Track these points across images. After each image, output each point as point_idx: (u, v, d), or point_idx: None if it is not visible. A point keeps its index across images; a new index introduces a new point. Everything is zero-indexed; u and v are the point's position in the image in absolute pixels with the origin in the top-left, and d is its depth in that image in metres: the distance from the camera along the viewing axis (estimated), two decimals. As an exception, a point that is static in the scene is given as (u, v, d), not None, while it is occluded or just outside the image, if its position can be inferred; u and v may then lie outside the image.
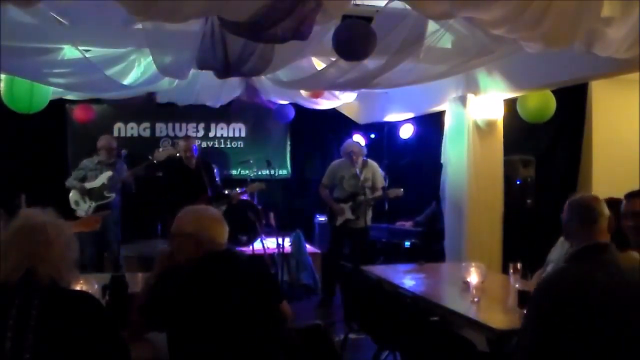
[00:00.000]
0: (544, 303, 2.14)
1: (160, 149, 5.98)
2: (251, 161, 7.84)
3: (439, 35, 3.73)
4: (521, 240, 5.20)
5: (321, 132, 8.38)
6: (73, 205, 5.66)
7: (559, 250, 3.80)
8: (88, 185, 5.69)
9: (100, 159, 5.81)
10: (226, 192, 6.25)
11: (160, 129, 8.07)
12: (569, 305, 2.05)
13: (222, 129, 8.30)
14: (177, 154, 6.17)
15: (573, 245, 2.35)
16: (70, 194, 5.71)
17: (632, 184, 4.29)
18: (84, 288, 2.74)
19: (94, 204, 5.68)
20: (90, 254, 5.47)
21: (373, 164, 6.08)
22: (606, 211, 2.25)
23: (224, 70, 3.67)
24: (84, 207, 5.66)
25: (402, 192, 5.89)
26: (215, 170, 6.47)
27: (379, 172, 6.07)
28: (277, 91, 6.23)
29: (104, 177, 5.73)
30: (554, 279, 2.24)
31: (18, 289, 1.77)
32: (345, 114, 7.56)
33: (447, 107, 5.55)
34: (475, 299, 3.22)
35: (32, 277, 1.78)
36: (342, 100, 6.72)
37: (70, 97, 6.24)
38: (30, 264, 1.80)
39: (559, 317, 2.06)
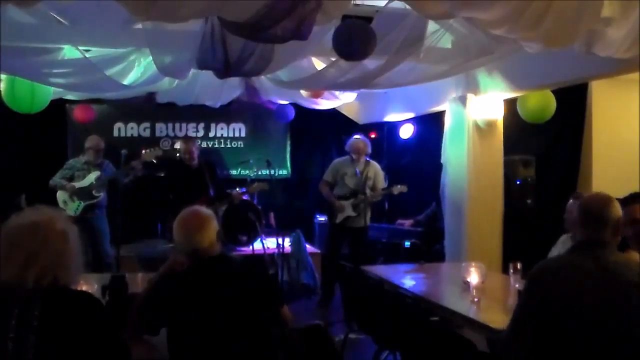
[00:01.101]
0: (536, 290, 2.21)
1: (148, 150, 5.94)
2: (251, 161, 7.83)
3: (439, 35, 3.73)
4: (521, 240, 5.20)
5: (321, 132, 8.38)
6: (61, 205, 5.63)
7: (560, 249, 3.80)
8: (76, 184, 5.67)
9: (87, 159, 5.79)
10: (228, 191, 6.24)
11: (160, 129, 8.06)
12: (558, 292, 2.13)
13: (222, 129, 8.29)
14: (177, 155, 6.17)
15: (575, 237, 2.42)
16: (58, 194, 5.67)
17: (632, 184, 4.30)
18: (84, 288, 2.73)
19: (82, 204, 5.65)
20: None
21: (375, 164, 6.08)
22: (616, 215, 2.27)
23: (224, 70, 3.67)
24: (72, 207, 5.64)
25: (406, 189, 5.89)
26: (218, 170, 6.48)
27: (381, 174, 6.06)
28: (277, 91, 6.24)
29: (92, 176, 5.71)
30: (545, 267, 2.29)
31: (21, 289, 1.77)
32: (345, 114, 7.56)
33: (447, 107, 5.55)
34: (475, 299, 3.22)
35: (36, 276, 1.78)
36: (342, 100, 6.72)
37: (70, 97, 6.24)
38: (34, 264, 1.80)
39: (549, 304, 2.13)
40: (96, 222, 5.72)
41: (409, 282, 3.80)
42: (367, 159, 5.99)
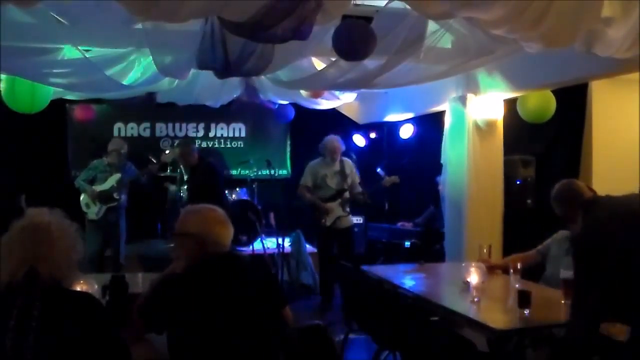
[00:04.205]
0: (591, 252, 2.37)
1: (167, 151, 6.14)
2: (251, 161, 7.84)
3: (439, 35, 3.73)
4: (521, 240, 5.19)
5: (321, 132, 8.35)
6: (84, 208, 5.81)
7: (557, 247, 3.81)
8: (98, 188, 5.82)
9: (110, 161, 5.91)
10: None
11: (160, 129, 8.07)
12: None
13: (222, 129, 8.30)
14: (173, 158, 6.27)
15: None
16: (82, 197, 5.84)
17: (632, 184, 4.29)
18: (84, 288, 2.74)
19: (103, 207, 5.82)
20: (92, 254, 5.56)
21: (349, 161, 6.11)
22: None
23: (224, 70, 3.67)
24: (94, 210, 5.81)
25: (398, 179, 5.90)
26: (220, 174, 6.49)
27: (355, 169, 6.09)
28: (277, 91, 6.23)
29: (113, 179, 5.87)
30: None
31: (20, 289, 1.77)
32: (345, 114, 7.55)
33: (447, 107, 5.55)
34: (475, 299, 3.22)
35: (35, 276, 1.78)
36: (342, 100, 6.72)
37: (70, 97, 6.25)
38: (33, 264, 1.80)
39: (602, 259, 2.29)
40: (116, 223, 5.89)
41: (409, 282, 3.80)
42: (341, 157, 6.00)
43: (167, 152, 6.22)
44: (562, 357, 2.52)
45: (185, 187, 6.55)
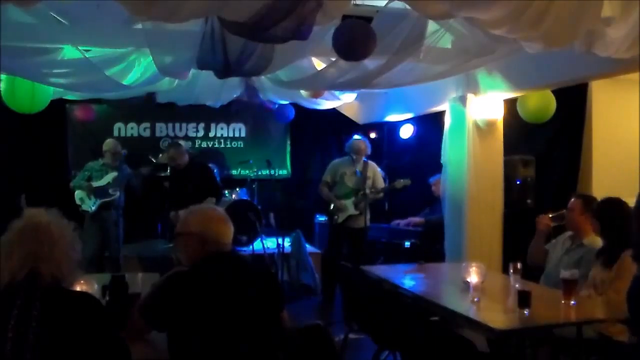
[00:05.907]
0: None
1: (163, 155, 6.17)
2: (251, 161, 7.84)
3: (439, 35, 3.73)
4: (521, 240, 5.19)
5: (321, 132, 8.38)
6: (78, 202, 5.82)
7: (559, 249, 3.81)
8: (94, 184, 5.85)
9: (105, 162, 5.94)
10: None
11: (160, 129, 8.07)
12: None
13: (222, 129, 8.30)
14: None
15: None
16: (76, 192, 5.84)
17: (632, 184, 4.30)
18: (84, 288, 2.74)
19: (98, 201, 5.83)
20: (90, 254, 5.54)
21: (373, 164, 6.11)
22: None
23: (224, 70, 3.67)
24: (89, 204, 5.83)
25: (410, 182, 5.91)
26: (214, 171, 6.47)
27: (379, 174, 6.10)
28: (277, 91, 6.24)
29: (109, 177, 5.89)
30: None
31: (20, 289, 1.77)
32: (345, 114, 7.56)
33: (447, 107, 5.55)
34: (475, 299, 3.22)
35: (35, 277, 1.78)
36: (342, 100, 6.72)
37: (70, 97, 6.25)
38: (34, 264, 1.80)
39: None
40: (112, 222, 5.89)
41: (409, 282, 3.80)
42: (365, 159, 6.02)
43: (160, 155, 6.24)
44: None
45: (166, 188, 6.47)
